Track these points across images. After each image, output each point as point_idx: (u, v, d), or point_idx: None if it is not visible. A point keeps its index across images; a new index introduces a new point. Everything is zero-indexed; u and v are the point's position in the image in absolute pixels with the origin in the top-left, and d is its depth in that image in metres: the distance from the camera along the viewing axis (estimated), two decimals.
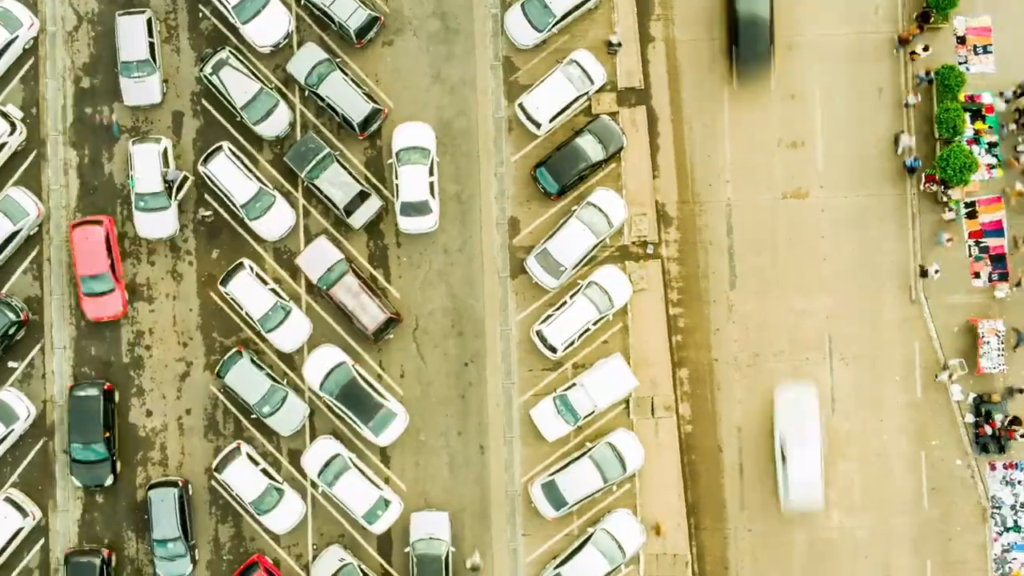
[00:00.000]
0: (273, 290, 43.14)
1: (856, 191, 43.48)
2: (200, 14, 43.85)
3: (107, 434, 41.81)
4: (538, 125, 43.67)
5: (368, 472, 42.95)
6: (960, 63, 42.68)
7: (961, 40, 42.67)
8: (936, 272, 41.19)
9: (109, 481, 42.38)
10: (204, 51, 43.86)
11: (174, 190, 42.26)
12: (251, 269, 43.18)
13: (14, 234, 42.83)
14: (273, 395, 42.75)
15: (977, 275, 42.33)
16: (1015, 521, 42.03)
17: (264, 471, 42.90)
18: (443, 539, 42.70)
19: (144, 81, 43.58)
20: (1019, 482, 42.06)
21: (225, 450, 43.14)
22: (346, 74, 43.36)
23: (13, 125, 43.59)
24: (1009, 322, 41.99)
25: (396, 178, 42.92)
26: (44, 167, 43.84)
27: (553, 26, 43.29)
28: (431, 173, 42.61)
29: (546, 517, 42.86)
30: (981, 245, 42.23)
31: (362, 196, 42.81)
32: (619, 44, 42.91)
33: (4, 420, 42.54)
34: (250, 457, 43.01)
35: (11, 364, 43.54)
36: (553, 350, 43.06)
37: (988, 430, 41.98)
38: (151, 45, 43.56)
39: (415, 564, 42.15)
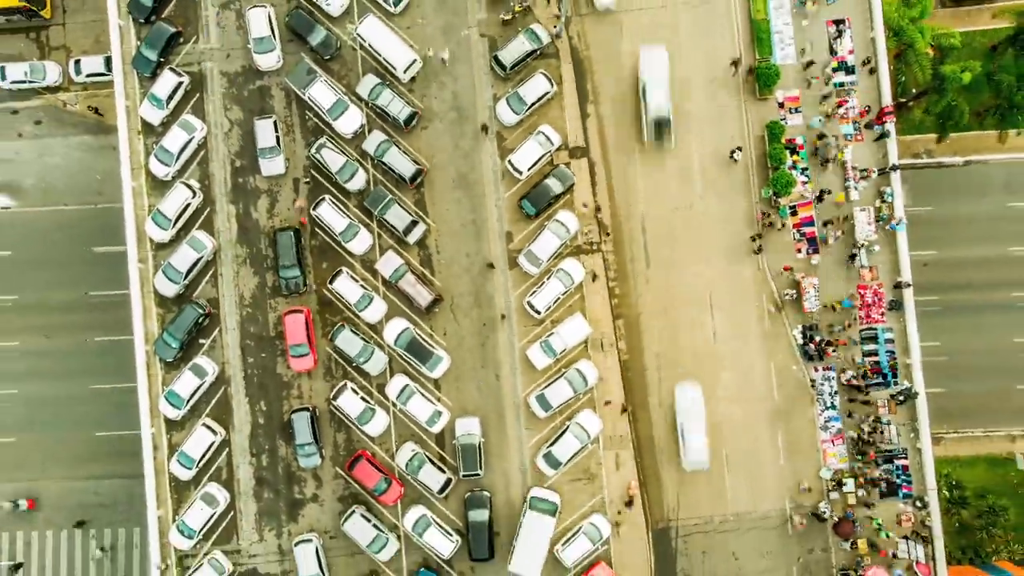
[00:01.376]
0: (362, 285, 59.54)
1: (721, 202, 60.24)
2: (306, 116, 60.75)
3: None
4: (520, 173, 59.77)
5: (427, 395, 59.37)
6: (781, 119, 60.41)
7: (780, 104, 60.67)
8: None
9: None
10: (310, 139, 60.50)
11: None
12: (347, 273, 59.81)
13: (198, 260, 59.79)
14: (366, 350, 59.17)
15: (799, 250, 60.47)
16: (831, 402, 60.10)
17: (362, 398, 59.37)
18: (476, 434, 59.06)
19: (274, 160, 60.16)
20: (832, 378, 59.87)
21: (337, 386, 59.72)
22: (399, 148, 59.89)
23: (194, 192, 60.30)
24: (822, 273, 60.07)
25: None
26: (214, 217, 60.86)
27: (526, 111, 59.81)
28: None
29: (539, 417, 59.39)
30: (801, 232, 60.38)
31: (413, 223, 59.58)
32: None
33: (199, 375, 59.58)
34: (353, 390, 59.50)
35: (201, 341, 60.53)
36: (538, 312, 59.36)
37: (811, 347, 59.86)
38: (277, 137, 59.91)
39: (460, 451, 58.79)
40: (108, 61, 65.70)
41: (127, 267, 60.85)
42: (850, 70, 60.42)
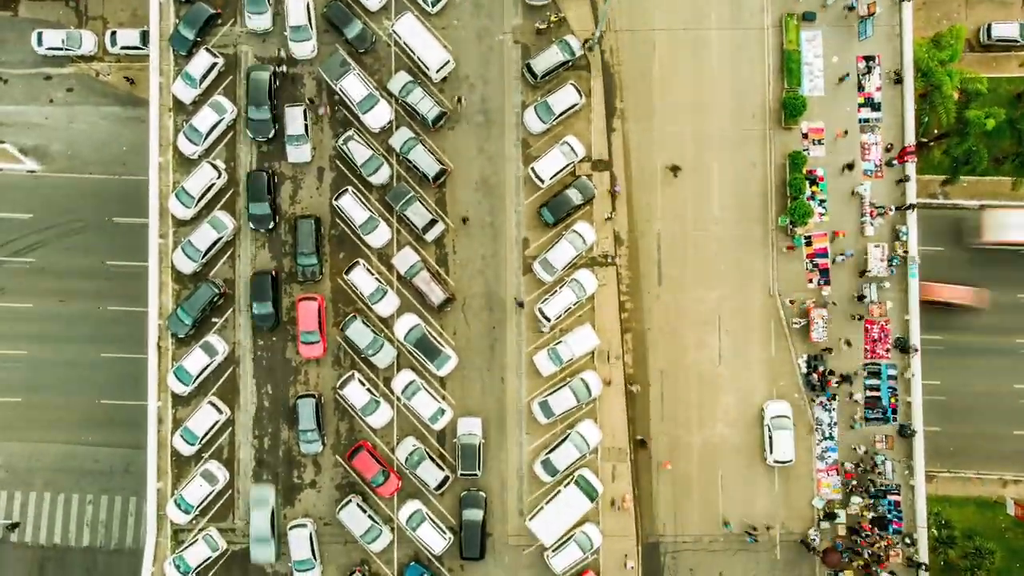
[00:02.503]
0: (377, 278, 59.66)
1: (737, 227, 60.36)
2: (336, 108, 61.16)
3: None
4: (542, 181, 59.87)
5: (431, 391, 59.56)
6: (804, 150, 60.53)
7: (804, 135, 60.70)
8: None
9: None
10: (338, 130, 60.67)
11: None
12: (363, 265, 60.03)
13: (218, 240, 60.01)
14: (375, 343, 59.38)
15: (811, 280, 60.70)
16: (830, 433, 60.27)
17: (368, 390, 59.48)
18: (477, 435, 59.38)
19: (301, 147, 60.30)
20: (833, 409, 60.08)
21: (344, 376, 59.94)
22: (425, 147, 59.87)
23: (219, 172, 60.39)
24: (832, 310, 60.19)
25: None
26: (237, 199, 60.97)
27: (553, 120, 59.85)
28: None
29: (541, 423, 59.55)
30: (813, 262, 60.50)
31: (432, 222, 59.78)
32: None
33: (209, 353, 59.83)
34: (360, 381, 59.67)
35: (214, 320, 60.67)
36: (548, 320, 59.53)
37: (815, 377, 59.95)
38: (306, 126, 60.04)
39: (460, 450, 59.09)
40: (144, 35, 65.50)
41: (146, 240, 60.88)
42: (876, 107, 60.62)
